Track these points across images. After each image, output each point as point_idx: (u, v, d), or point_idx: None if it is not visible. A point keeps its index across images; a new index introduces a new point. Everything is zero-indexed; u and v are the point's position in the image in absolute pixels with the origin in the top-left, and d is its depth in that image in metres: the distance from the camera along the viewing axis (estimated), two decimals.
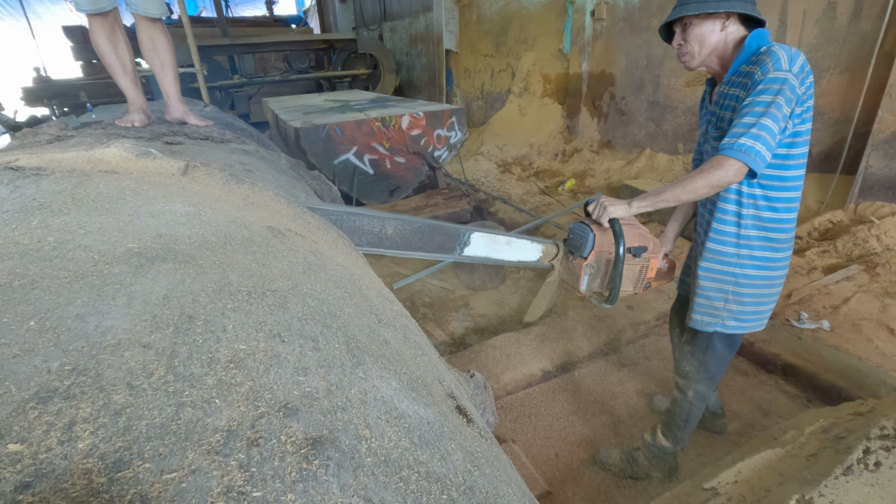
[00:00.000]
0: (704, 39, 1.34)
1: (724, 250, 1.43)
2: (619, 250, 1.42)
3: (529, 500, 0.65)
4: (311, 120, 3.94)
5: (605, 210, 1.43)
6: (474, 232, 1.53)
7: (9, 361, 0.41)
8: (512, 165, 5.85)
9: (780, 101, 1.19)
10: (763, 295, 1.47)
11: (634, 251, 1.49)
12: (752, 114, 1.22)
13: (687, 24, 1.35)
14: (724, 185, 1.29)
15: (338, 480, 0.39)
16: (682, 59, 1.41)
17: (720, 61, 1.39)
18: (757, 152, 1.21)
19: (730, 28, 1.32)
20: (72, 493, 0.31)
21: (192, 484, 0.34)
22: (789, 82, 1.19)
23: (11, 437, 0.34)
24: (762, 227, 1.37)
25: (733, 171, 1.25)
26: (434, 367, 0.85)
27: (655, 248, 1.56)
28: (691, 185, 1.30)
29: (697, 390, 1.65)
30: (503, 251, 1.60)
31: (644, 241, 1.52)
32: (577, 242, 1.53)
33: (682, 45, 1.38)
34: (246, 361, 0.50)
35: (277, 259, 0.82)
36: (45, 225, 0.69)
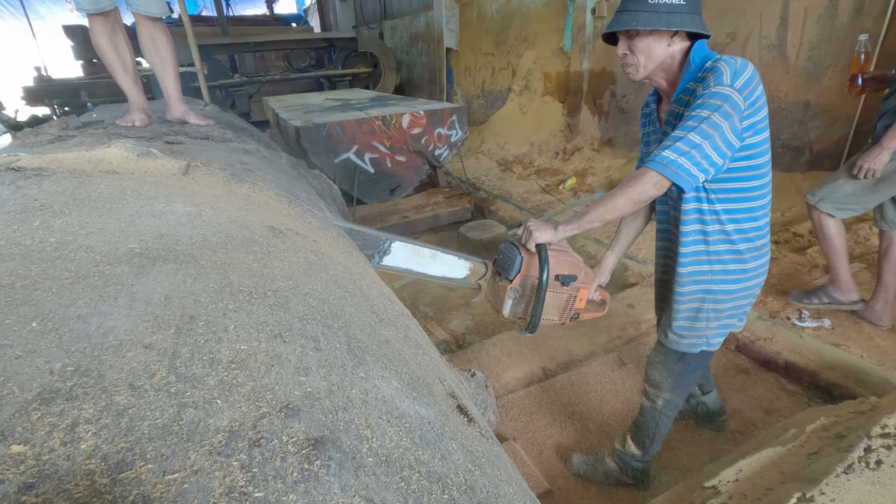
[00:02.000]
0: (650, 53, 1.29)
1: (698, 269, 1.40)
2: (542, 277, 1.36)
3: (530, 499, 0.65)
4: (311, 119, 3.94)
5: (531, 235, 1.38)
6: (396, 241, 1.46)
7: (11, 363, 0.41)
8: (513, 164, 5.85)
9: (717, 118, 1.15)
10: (740, 307, 1.46)
11: (563, 279, 1.44)
12: (683, 127, 1.19)
13: (633, 35, 1.29)
14: (646, 198, 1.25)
15: (339, 480, 0.39)
16: (627, 71, 1.35)
17: (666, 76, 1.34)
18: (679, 166, 1.18)
19: (676, 43, 1.28)
20: (75, 494, 0.31)
21: (195, 484, 0.34)
22: (730, 98, 1.16)
23: (14, 438, 0.34)
24: (729, 240, 1.35)
25: (651, 184, 1.22)
26: (435, 367, 0.85)
27: (587, 279, 1.50)
28: (613, 202, 1.27)
29: (668, 399, 1.62)
30: (426, 265, 1.52)
31: (574, 270, 1.46)
32: (505, 264, 1.47)
33: (627, 56, 1.32)
34: (247, 362, 0.51)
35: (278, 259, 0.83)
36: (47, 226, 0.69)
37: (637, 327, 2.64)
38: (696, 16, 1.24)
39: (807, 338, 2.31)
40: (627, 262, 3.16)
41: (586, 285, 1.51)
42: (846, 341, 2.29)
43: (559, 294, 1.48)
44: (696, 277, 1.41)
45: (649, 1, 1.22)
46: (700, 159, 1.18)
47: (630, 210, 1.29)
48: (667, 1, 1.21)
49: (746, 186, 1.30)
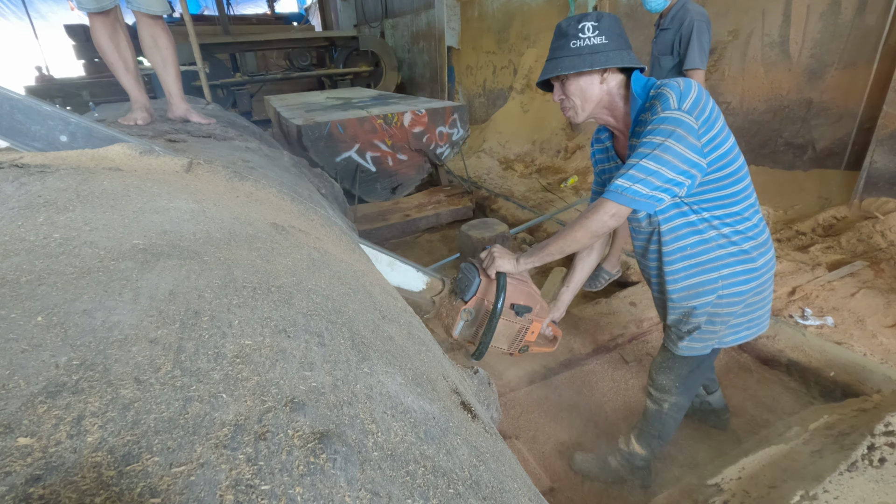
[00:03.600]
0: (585, 94, 1.29)
1: (703, 279, 1.38)
2: (497, 304, 1.33)
3: (535, 494, 0.65)
4: (313, 118, 3.93)
5: (493, 262, 1.38)
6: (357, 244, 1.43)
7: (17, 356, 0.41)
8: (514, 162, 5.84)
9: (671, 143, 1.15)
10: (757, 303, 1.44)
11: (518, 309, 1.42)
12: (635, 155, 1.19)
13: (564, 80, 1.29)
14: (604, 229, 1.25)
15: (345, 474, 0.39)
16: (567, 115, 1.35)
17: (611, 112, 1.34)
18: (635, 192, 1.17)
19: (609, 80, 1.28)
20: (82, 486, 0.31)
21: (201, 477, 0.34)
22: (681, 121, 1.15)
23: (21, 430, 0.34)
24: (731, 242, 1.34)
25: (608, 214, 1.22)
26: (438, 363, 0.85)
27: (541, 312, 1.48)
28: (572, 235, 1.27)
29: (673, 402, 1.60)
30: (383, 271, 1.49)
31: (530, 302, 1.44)
32: (462, 285, 1.45)
33: (564, 100, 1.32)
34: (252, 356, 0.51)
35: (282, 255, 0.83)
36: (51, 222, 0.69)
37: (639, 325, 2.63)
38: (622, 51, 1.24)
39: (810, 336, 2.31)
40: (628, 260, 3.16)
41: (540, 318, 1.49)
42: (849, 339, 2.28)
43: (511, 323, 1.46)
44: (704, 288, 1.38)
45: (571, 46, 1.23)
46: (659, 183, 1.17)
47: (589, 242, 1.30)
48: (589, 43, 1.22)
49: (728, 193, 1.29)
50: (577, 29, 1.22)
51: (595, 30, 1.21)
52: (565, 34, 1.24)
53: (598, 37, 1.21)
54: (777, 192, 3.56)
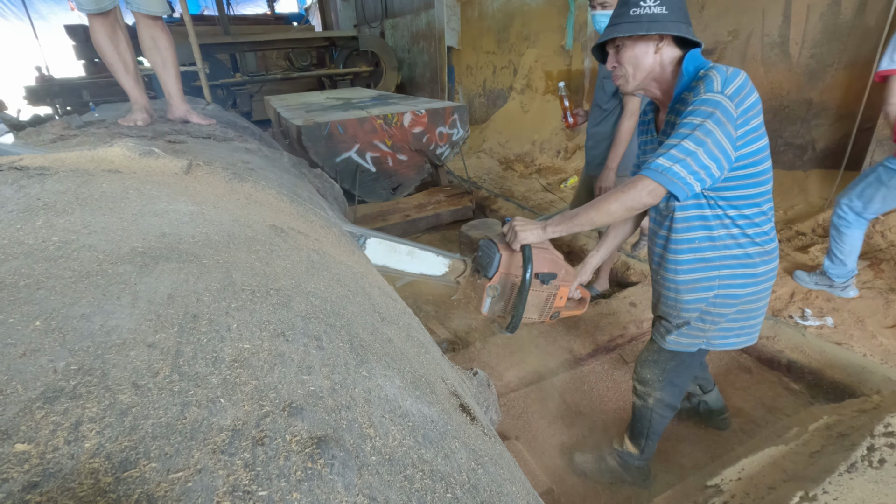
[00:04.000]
0: (638, 62, 1.29)
1: (703, 276, 1.38)
2: (525, 276, 1.33)
3: (533, 497, 0.65)
4: (313, 118, 3.93)
5: (517, 235, 1.36)
6: (372, 237, 1.43)
7: (15, 361, 0.41)
8: (514, 162, 5.84)
9: (710, 125, 1.15)
10: (750, 311, 1.44)
11: (542, 277, 1.41)
12: (676, 135, 1.18)
13: (620, 46, 1.30)
14: (640, 206, 1.24)
15: (343, 479, 0.39)
16: (617, 83, 1.36)
17: (659, 85, 1.34)
18: (675, 173, 1.17)
19: (664, 51, 1.28)
20: (79, 493, 0.31)
21: (198, 483, 0.34)
22: (721, 104, 1.15)
23: (19, 436, 0.35)
24: (738, 244, 1.34)
25: (646, 191, 1.21)
26: (437, 365, 0.85)
27: (567, 277, 1.47)
28: (606, 206, 1.26)
29: (658, 398, 1.60)
30: (403, 262, 1.49)
31: (554, 268, 1.43)
32: (484, 262, 1.44)
33: (617, 68, 1.33)
34: (250, 360, 0.51)
35: (281, 258, 0.83)
36: (50, 225, 0.69)
37: (639, 326, 2.63)
38: (681, 24, 1.24)
39: (809, 336, 2.31)
40: (629, 260, 3.16)
41: (566, 283, 1.48)
42: (849, 340, 2.28)
43: (539, 292, 1.45)
44: (702, 284, 1.39)
45: (631, 13, 1.24)
46: (696, 167, 1.17)
47: (622, 216, 1.28)
48: (648, 11, 1.22)
49: (748, 194, 1.29)
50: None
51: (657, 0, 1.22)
52: (626, 2, 1.25)
53: (659, 6, 1.22)
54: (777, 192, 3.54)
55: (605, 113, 2.46)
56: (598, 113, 2.52)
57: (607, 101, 2.43)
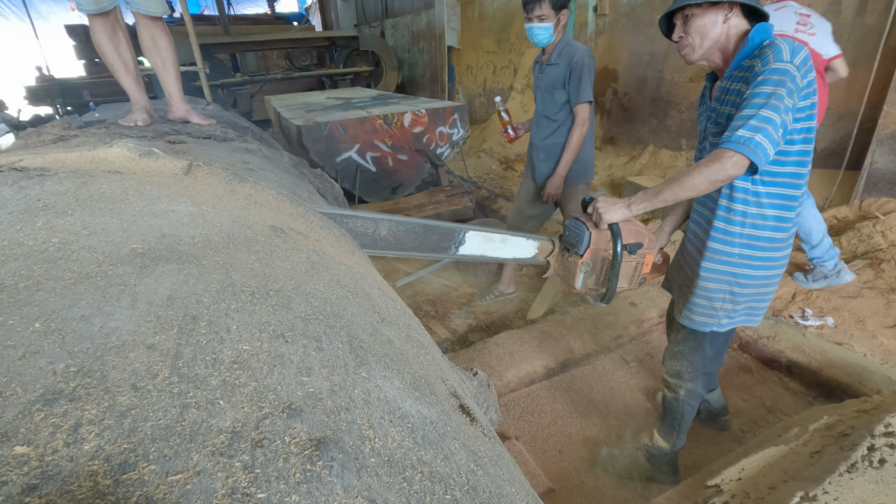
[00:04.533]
0: (706, 31, 1.31)
1: (728, 250, 1.41)
2: (616, 250, 1.41)
3: (533, 498, 0.65)
4: (313, 118, 3.93)
5: (601, 217, 1.41)
6: (469, 231, 1.51)
7: (14, 363, 0.41)
8: (515, 162, 5.84)
9: (781, 91, 1.16)
10: (759, 294, 1.46)
11: (630, 248, 1.47)
12: (751, 105, 1.19)
13: (689, 16, 1.32)
14: (725, 179, 1.25)
15: (342, 481, 0.39)
16: (683, 52, 1.38)
17: (722, 55, 1.36)
18: (757, 143, 1.18)
19: (732, 20, 1.30)
20: (78, 496, 0.31)
21: (197, 485, 0.34)
22: (790, 73, 1.16)
23: (18, 439, 0.35)
24: (766, 226, 1.35)
25: (731, 163, 1.21)
26: (437, 366, 0.85)
27: (651, 244, 1.53)
28: (689, 181, 1.26)
29: (689, 389, 1.64)
30: (499, 249, 1.58)
31: (640, 238, 1.49)
32: (573, 240, 1.51)
33: (683, 38, 1.35)
34: (250, 362, 0.51)
35: (280, 259, 0.83)
36: (50, 226, 0.69)
37: (640, 325, 2.63)
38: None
39: (810, 336, 2.31)
40: None
41: (651, 250, 1.54)
42: (849, 340, 2.28)
43: (628, 263, 1.51)
44: (722, 257, 1.42)
45: None
46: (774, 135, 1.18)
47: (706, 189, 1.28)
48: None
49: (797, 172, 1.30)
50: None
51: None
52: None
53: None
54: None
55: (557, 124, 2.51)
56: (547, 125, 2.56)
57: (557, 113, 2.48)
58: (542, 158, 2.63)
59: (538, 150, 2.63)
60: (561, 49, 2.38)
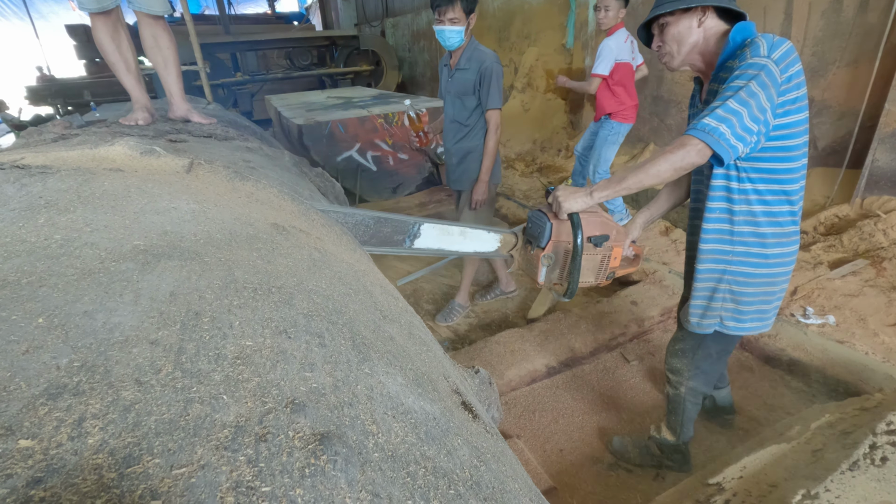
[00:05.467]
0: (682, 38, 1.32)
1: (718, 248, 1.40)
2: (576, 242, 1.35)
3: (535, 495, 0.65)
4: (313, 117, 3.93)
5: (561, 206, 1.36)
6: (425, 223, 1.47)
7: (18, 358, 0.41)
8: (515, 161, 5.83)
9: (754, 86, 1.16)
10: (764, 294, 1.42)
11: (595, 240, 1.41)
12: (720, 97, 1.19)
13: (664, 25, 1.33)
14: (689, 166, 1.24)
15: (346, 475, 0.39)
16: (663, 61, 1.38)
17: (703, 58, 1.36)
18: (720, 134, 1.17)
19: (707, 23, 1.30)
20: (83, 489, 0.31)
21: (202, 479, 0.34)
22: (767, 68, 1.16)
23: (22, 432, 0.35)
24: (754, 222, 1.34)
25: (695, 151, 1.20)
26: (439, 363, 0.85)
27: (619, 237, 1.48)
28: (654, 168, 1.25)
29: (689, 386, 1.65)
30: (457, 242, 1.53)
31: (606, 230, 1.43)
32: (535, 232, 1.45)
33: (662, 47, 1.36)
34: (252, 357, 0.51)
35: (282, 256, 0.83)
36: (52, 223, 0.69)
37: (640, 324, 2.63)
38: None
39: (811, 334, 2.30)
40: None
41: (619, 243, 1.49)
42: (851, 338, 2.28)
43: (593, 256, 1.46)
44: (716, 256, 1.42)
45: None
46: (740, 130, 1.17)
47: (670, 177, 1.27)
48: None
49: (779, 168, 1.29)
50: None
51: None
52: None
53: None
54: None
55: (467, 129, 2.51)
56: (457, 129, 2.54)
57: (468, 118, 2.48)
58: (453, 163, 2.64)
59: (451, 155, 2.64)
60: (470, 54, 2.38)
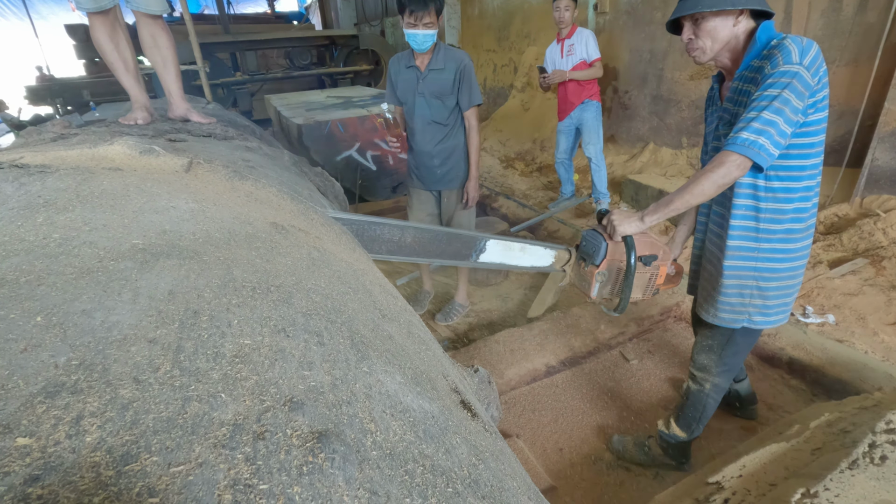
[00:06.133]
0: (717, 34, 1.32)
1: (745, 245, 1.41)
2: (630, 262, 1.44)
3: (534, 493, 0.65)
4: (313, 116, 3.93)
5: (616, 230, 1.45)
6: (490, 239, 1.58)
7: (16, 356, 0.41)
8: (515, 161, 5.83)
9: (788, 94, 1.18)
10: (787, 287, 1.46)
11: (645, 260, 1.50)
12: (756, 108, 1.21)
13: (699, 19, 1.32)
14: (731, 181, 1.28)
15: (343, 473, 0.39)
16: (693, 54, 1.38)
17: (731, 56, 1.37)
18: (760, 146, 1.20)
19: (742, 22, 1.31)
20: (80, 486, 0.31)
21: (199, 477, 0.34)
22: (799, 75, 1.18)
23: (20, 430, 0.35)
24: (781, 219, 1.36)
25: (735, 166, 1.25)
26: (438, 362, 0.85)
27: (665, 256, 1.56)
28: (698, 187, 1.30)
29: (715, 383, 1.65)
30: (517, 257, 1.64)
31: (654, 250, 1.53)
32: (590, 250, 1.54)
33: (693, 41, 1.35)
34: (251, 356, 0.51)
35: (281, 255, 0.83)
36: (51, 222, 0.69)
37: (640, 324, 2.63)
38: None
39: (811, 333, 2.31)
40: None
41: (665, 262, 1.57)
42: (850, 337, 2.28)
43: (642, 274, 1.55)
44: (743, 253, 1.43)
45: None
46: (776, 136, 1.20)
47: (715, 193, 1.32)
48: None
49: (804, 164, 1.31)
50: None
51: None
52: None
53: None
54: None
55: (448, 128, 2.54)
56: (437, 130, 2.54)
57: (448, 117, 2.50)
58: (436, 164, 2.63)
59: (431, 157, 2.61)
60: (443, 54, 2.39)
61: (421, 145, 2.59)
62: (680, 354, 2.48)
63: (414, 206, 2.87)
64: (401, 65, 2.48)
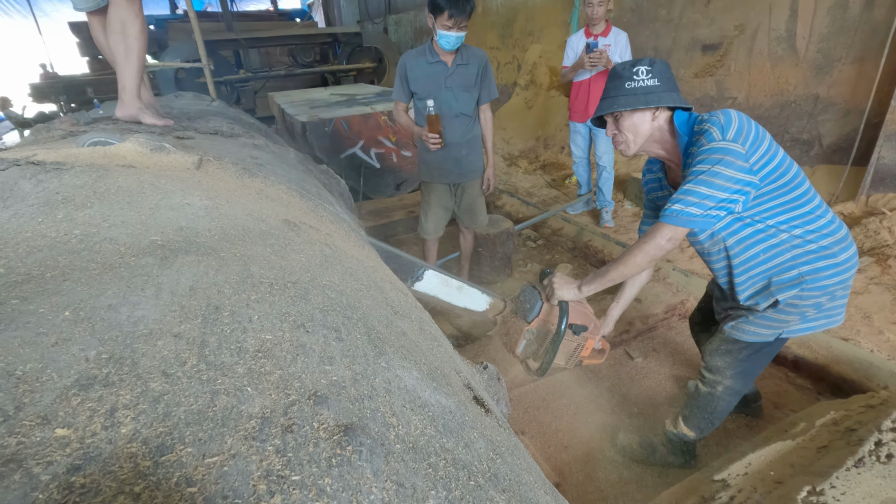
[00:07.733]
0: (637, 129, 1.39)
1: (784, 276, 1.40)
2: (560, 327, 1.45)
3: (549, 488, 0.66)
4: (317, 114, 3.94)
5: (555, 292, 1.50)
6: (429, 270, 1.58)
7: (49, 350, 0.42)
8: (518, 158, 5.83)
9: (719, 168, 1.24)
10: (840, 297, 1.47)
11: (575, 329, 1.52)
12: (687, 182, 1.29)
13: (619, 116, 1.40)
14: (662, 253, 1.34)
15: (371, 465, 0.40)
16: (619, 148, 1.46)
17: (661, 146, 1.43)
18: (690, 214, 1.27)
19: (660, 116, 1.39)
20: (120, 476, 0.32)
21: (234, 468, 0.35)
22: (728, 149, 1.24)
23: (58, 421, 0.35)
24: (807, 241, 1.37)
25: (665, 238, 1.32)
26: (450, 358, 0.86)
27: (595, 330, 1.59)
28: (632, 260, 1.37)
29: (727, 385, 1.61)
30: (452, 295, 1.65)
31: (586, 321, 1.55)
32: (525, 306, 1.55)
33: (617, 135, 1.43)
34: (273, 351, 0.51)
35: (295, 252, 0.83)
36: (71, 218, 0.70)
37: (645, 321, 2.64)
38: (673, 93, 1.35)
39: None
40: None
41: (593, 336, 1.60)
42: (856, 335, 2.28)
43: (569, 342, 1.56)
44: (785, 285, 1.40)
45: (626, 87, 1.35)
46: (711, 204, 1.26)
47: (648, 265, 1.40)
48: (643, 84, 1.34)
49: (789, 199, 1.34)
50: (632, 72, 1.35)
51: (648, 73, 1.34)
52: (620, 76, 1.37)
53: (651, 79, 1.34)
54: None
55: (472, 119, 2.71)
56: (465, 121, 2.67)
57: (473, 109, 2.67)
58: (464, 154, 2.71)
59: (460, 147, 2.69)
60: (465, 50, 2.52)
61: (450, 137, 2.63)
62: (685, 352, 2.48)
63: (432, 201, 2.91)
64: (420, 61, 2.51)
